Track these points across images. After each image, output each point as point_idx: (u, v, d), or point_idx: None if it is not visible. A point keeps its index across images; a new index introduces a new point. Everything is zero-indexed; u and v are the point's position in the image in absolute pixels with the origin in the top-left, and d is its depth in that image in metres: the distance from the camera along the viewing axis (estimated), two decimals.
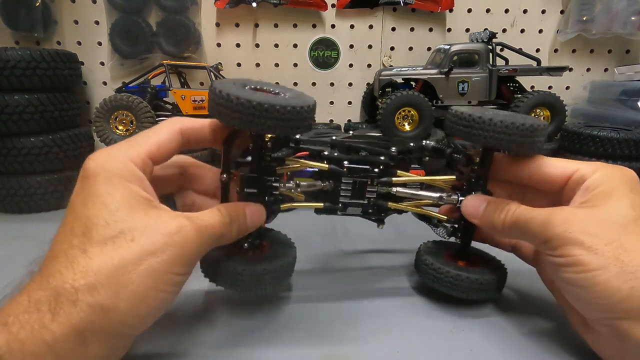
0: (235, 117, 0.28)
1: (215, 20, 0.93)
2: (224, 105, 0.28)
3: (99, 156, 0.27)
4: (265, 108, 0.28)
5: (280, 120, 0.29)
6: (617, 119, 0.79)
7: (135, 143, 0.29)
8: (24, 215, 0.77)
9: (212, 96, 0.30)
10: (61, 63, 0.79)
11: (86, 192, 0.26)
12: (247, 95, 0.28)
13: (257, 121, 0.28)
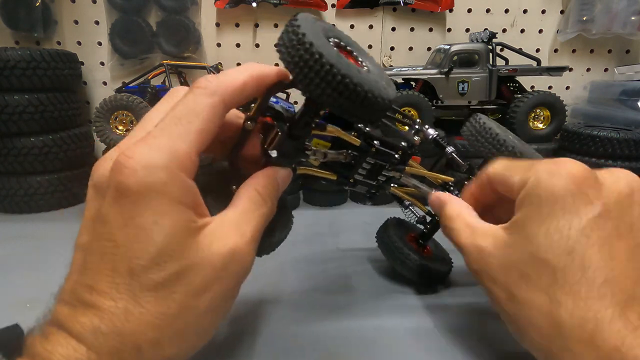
0: (329, 95, 0.23)
1: (215, 20, 0.93)
2: (320, 75, 0.23)
3: (137, 166, 0.20)
4: (368, 97, 0.24)
5: (373, 112, 0.25)
6: (617, 119, 0.79)
7: (182, 131, 0.22)
8: (24, 215, 0.77)
9: (302, 52, 0.22)
10: (61, 63, 0.79)
11: (127, 219, 0.20)
12: (351, 72, 0.23)
13: (352, 108, 0.24)
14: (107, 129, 0.75)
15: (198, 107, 0.23)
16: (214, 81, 0.23)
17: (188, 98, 0.23)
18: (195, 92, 0.23)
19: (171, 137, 0.21)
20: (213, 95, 0.23)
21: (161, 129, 0.22)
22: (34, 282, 0.49)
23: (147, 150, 0.21)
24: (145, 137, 0.21)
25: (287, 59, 0.23)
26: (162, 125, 0.22)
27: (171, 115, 0.22)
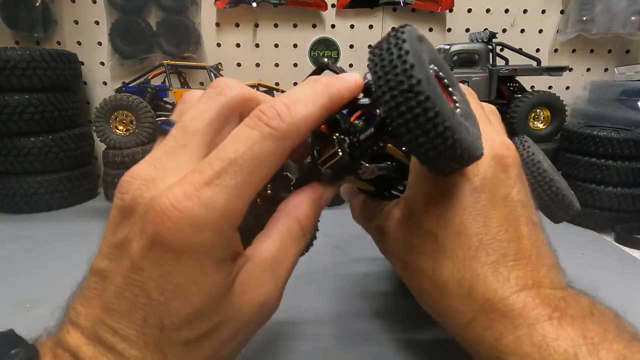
0: (419, 143, 0.20)
1: (215, 20, 0.93)
2: (418, 121, 0.19)
3: (184, 224, 0.17)
4: (461, 155, 0.21)
5: (452, 166, 0.22)
6: (617, 119, 0.79)
7: (241, 183, 0.18)
8: (24, 215, 0.77)
9: (405, 87, 0.19)
10: (61, 63, 0.79)
11: (164, 274, 0.18)
12: (453, 124, 0.20)
13: (436, 158, 0.21)
14: (107, 129, 0.75)
15: (265, 156, 0.19)
16: (287, 120, 0.19)
17: (253, 138, 0.19)
18: (264, 131, 0.19)
19: (228, 191, 0.18)
20: (283, 140, 0.19)
21: (219, 174, 0.18)
22: (34, 282, 0.50)
23: (198, 206, 0.17)
24: (197, 184, 0.18)
25: (382, 85, 0.20)
26: (220, 168, 0.18)
27: (232, 157, 0.18)
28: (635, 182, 0.68)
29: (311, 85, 0.21)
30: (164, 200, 0.17)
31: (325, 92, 0.21)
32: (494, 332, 0.23)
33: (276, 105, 0.19)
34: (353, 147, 0.23)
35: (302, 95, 0.20)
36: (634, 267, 0.56)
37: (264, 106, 0.19)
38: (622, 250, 0.62)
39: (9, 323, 0.22)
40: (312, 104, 0.20)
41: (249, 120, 0.19)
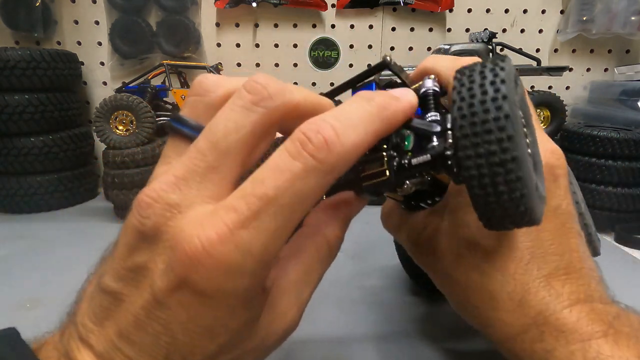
0: (487, 202, 0.18)
1: (215, 20, 0.93)
2: (496, 182, 0.17)
3: (218, 271, 0.16)
4: (527, 220, 0.19)
5: (513, 225, 0.20)
6: (617, 119, 0.79)
7: (280, 225, 0.16)
8: (24, 215, 0.77)
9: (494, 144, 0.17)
10: (61, 63, 0.79)
11: (192, 317, 0.17)
12: (530, 192, 0.18)
13: (498, 218, 0.19)
14: (107, 129, 0.75)
15: (308, 193, 0.16)
16: (336, 149, 0.16)
17: (296, 173, 0.16)
18: (308, 164, 0.16)
19: (266, 234, 0.16)
20: (330, 174, 0.16)
21: (256, 215, 0.16)
22: (34, 282, 0.50)
23: (233, 252, 0.15)
24: (232, 226, 0.16)
25: (465, 127, 0.17)
26: (258, 207, 0.16)
27: (272, 195, 0.16)
28: (635, 182, 0.68)
29: (364, 107, 0.18)
30: (195, 242, 0.16)
31: (379, 115, 0.18)
32: (545, 345, 0.23)
33: (324, 131, 0.16)
34: (402, 169, 0.21)
35: (354, 119, 0.17)
36: (634, 267, 0.56)
37: (309, 130, 0.16)
38: (622, 250, 0.62)
39: (9, 323, 0.22)
40: (364, 130, 0.17)
41: (291, 146, 0.16)
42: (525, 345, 0.24)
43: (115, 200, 0.75)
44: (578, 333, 0.22)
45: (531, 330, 0.24)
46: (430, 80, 0.26)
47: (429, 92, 0.25)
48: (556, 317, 0.23)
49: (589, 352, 0.22)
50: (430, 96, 0.25)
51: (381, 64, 0.24)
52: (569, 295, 0.24)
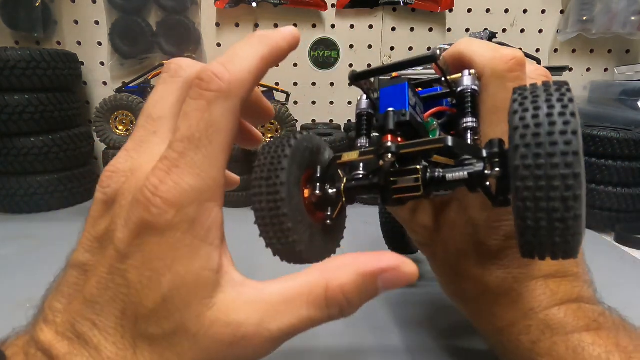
0: (541, 241, 0.18)
1: (215, 20, 0.93)
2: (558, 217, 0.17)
3: (166, 206, 0.18)
4: (566, 253, 0.19)
5: (549, 256, 0.19)
6: (617, 119, 0.79)
7: (207, 154, 0.19)
8: (24, 215, 0.77)
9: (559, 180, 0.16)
10: (61, 63, 0.79)
11: (146, 260, 0.18)
12: (583, 230, 0.18)
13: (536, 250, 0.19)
14: (107, 129, 0.75)
15: (217, 120, 0.19)
16: (225, 77, 0.19)
17: (201, 108, 0.19)
18: (207, 97, 0.19)
19: (197, 166, 0.18)
20: (229, 98, 0.19)
21: (182, 155, 0.18)
22: (34, 282, 0.49)
23: (173, 188, 0.18)
24: (167, 169, 0.18)
25: (531, 166, 0.17)
26: (182, 148, 0.18)
27: (188, 134, 0.18)
28: (635, 182, 0.68)
29: (246, 40, 0.21)
30: (144, 191, 0.18)
31: (261, 43, 0.20)
32: (530, 337, 0.25)
33: (212, 67, 0.19)
34: (434, 182, 0.21)
35: (239, 51, 0.20)
36: (634, 267, 0.56)
37: (201, 72, 0.19)
38: (622, 250, 0.62)
39: (9, 323, 0.22)
40: (251, 56, 0.20)
41: (192, 92, 0.19)
42: (512, 337, 0.26)
43: None
44: (563, 327, 0.24)
45: (520, 323, 0.26)
46: (469, 77, 0.25)
47: (467, 93, 0.24)
48: (545, 313, 0.25)
49: (571, 342, 0.23)
50: (469, 97, 0.24)
51: (430, 57, 0.23)
52: (562, 295, 0.25)
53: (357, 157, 0.23)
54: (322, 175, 0.24)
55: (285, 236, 0.21)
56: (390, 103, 0.23)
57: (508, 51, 0.26)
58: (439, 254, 0.30)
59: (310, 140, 0.24)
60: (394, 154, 0.21)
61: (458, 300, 0.31)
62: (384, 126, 0.22)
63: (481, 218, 0.26)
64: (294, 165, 0.22)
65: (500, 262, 0.26)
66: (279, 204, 0.21)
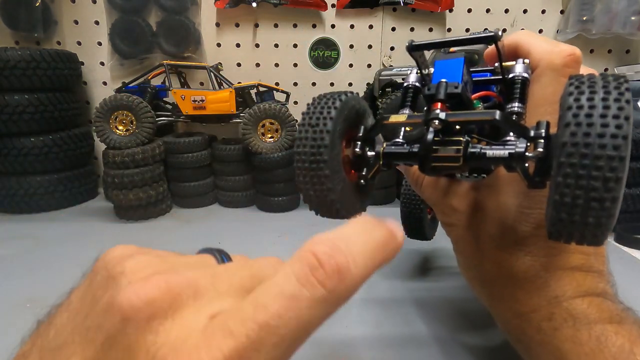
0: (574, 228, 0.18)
1: (215, 20, 0.93)
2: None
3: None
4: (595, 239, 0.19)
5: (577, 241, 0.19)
6: None
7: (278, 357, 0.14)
8: (24, 215, 0.77)
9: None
10: (61, 63, 0.79)
11: None
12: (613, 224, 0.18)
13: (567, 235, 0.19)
14: (107, 129, 0.75)
15: (312, 323, 0.14)
16: (347, 279, 0.14)
17: (302, 303, 0.14)
18: (315, 294, 0.14)
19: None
20: (336, 306, 0.15)
21: (254, 346, 0.13)
22: (34, 282, 0.50)
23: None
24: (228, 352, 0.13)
25: (578, 144, 0.17)
26: (256, 335, 0.13)
27: (272, 323, 0.14)
28: (635, 182, 0.68)
29: (377, 235, 0.16)
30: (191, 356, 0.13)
31: (385, 246, 0.16)
32: (553, 324, 0.25)
33: (337, 256, 0.14)
34: (474, 157, 0.22)
35: (366, 247, 0.15)
36: (634, 267, 0.56)
37: (322, 252, 0.14)
38: (622, 250, 0.62)
39: (9, 323, 0.22)
40: (372, 261, 0.15)
41: (299, 269, 0.14)
42: (533, 323, 0.26)
43: (115, 200, 0.75)
44: (586, 317, 0.24)
45: (542, 310, 0.26)
46: (522, 65, 0.25)
47: (518, 79, 0.25)
48: (569, 302, 0.25)
49: (594, 331, 0.23)
50: (519, 83, 0.25)
51: (491, 37, 0.24)
52: (587, 287, 0.26)
53: (404, 119, 0.23)
54: (365, 135, 0.25)
55: (321, 182, 0.22)
56: (444, 75, 0.24)
57: (567, 47, 0.26)
58: (467, 237, 0.30)
59: (358, 102, 0.25)
60: (442, 122, 0.21)
61: (478, 283, 0.31)
62: (434, 95, 0.22)
63: (513, 203, 0.27)
64: (341, 118, 0.23)
65: (528, 249, 0.27)
66: (321, 149, 0.22)
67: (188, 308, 0.14)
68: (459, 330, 0.39)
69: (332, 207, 0.23)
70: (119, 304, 0.14)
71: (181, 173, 0.81)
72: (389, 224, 0.17)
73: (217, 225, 0.73)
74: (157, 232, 0.70)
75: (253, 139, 0.78)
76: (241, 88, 0.84)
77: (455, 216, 0.31)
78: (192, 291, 0.15)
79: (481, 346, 0.36)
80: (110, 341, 0.14)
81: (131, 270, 0.16)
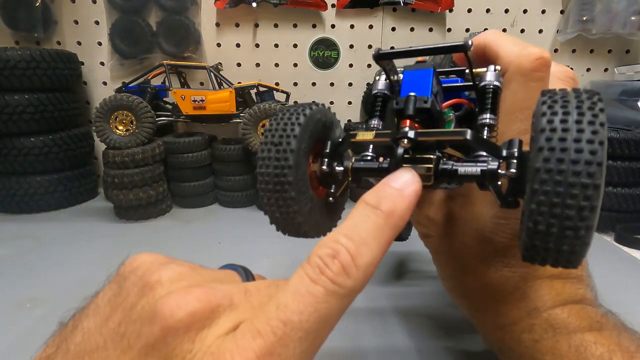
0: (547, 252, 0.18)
1: (215, 20, 0.93)
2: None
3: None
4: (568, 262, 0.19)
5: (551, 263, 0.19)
6: (617, 119, 0.79)
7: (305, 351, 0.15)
8: (24, 215, 0.77)
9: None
10: (61, 63, 0.79)
11: None
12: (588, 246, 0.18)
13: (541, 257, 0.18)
14: (107, 129, 0.75)
15: (331, 317, 0.16)
16: (353, 274, 0.16)
17: (319, 297, 0.15)
18: (328, 287, 0.15)
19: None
20: (349, 297, 0.16)
21: (281, 342, 0.15)
22: (34, 282, 0.50)
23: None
24: (259, 351, 0.14)
25: (552, 171, 0.16)
26: (282, 333, 0.15)
27: (296, 322, 0.15)
28: (635, 182, 0.68)
29: (372, 219, 0.17)
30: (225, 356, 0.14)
31: (388, 224, 0.17)
32: (533, 335, 0.25)
33: (340, 256, 0.16)
34: (445, 174, 0.21)
35: (366, 235, 0.17)
36: (634, 267, 0.56)
37: (325, 255, 0.16)
38: (622, 250, 0.62)
39: (9, 323, 0.22)
40: (377, 246, 0.17)
41: (310, 270, 0.16)
42: (514, 335, 0.26)
43: (115, 200, 0.75)
44: (566, 327, 0.24)
45: (522, 322, 0.26)
46: (493, 73, 0.25)
47: (489, 89, 0.24)
48: (549, 312, 0.25)
49: (574, 341, 0.23)
50: (490, 93, 0.24)
51: (460, 46, 0.22)
52: (567, 295, 0.25)
53: (372, 137, 0.22)
54: (332, 151, 0.24)
55: (287, 205, 0.21)
56: (412, 87, 0.23)
57: (535, 50, 0.25)
58: (443, 248, 0.30)
59: (324, 114, 0.24)
60: (411, 141, 0.20)
61: (458, 295, 0.31)
62: (403, 110, 0.21)
63: (489, 214, 0.26)
64: (306, 135, 0.22)
65: (506, 260, 0.26)
66: (285, 170, 0.21)
67: (224, 318, 0.16)
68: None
69: (299, 229, 0.23)
70: (160, 312, 0.15)
71: (181, 173, 0.81)
72: (392, 190, 0.18)
73: (217, 225, 0.73)
74: (157, 232, 0.70)
75: (253, 139, 0.78)
76: (241, 88, 0.84)
77: (431, 227, 0.30)
78: (228, 304, 0.16)
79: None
80: (148, 349, 0.15)
81: (169, 280, 0.16)
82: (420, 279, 0.50)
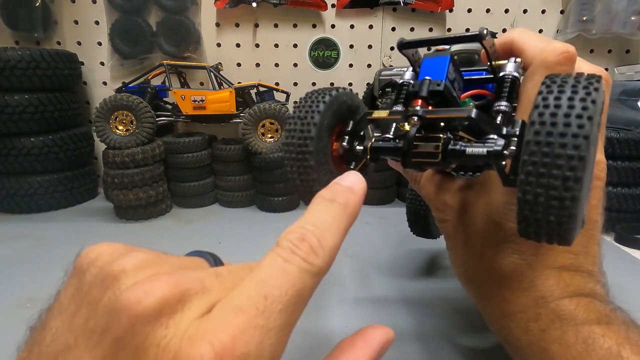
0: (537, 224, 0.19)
1: (215, 20, 0.93)
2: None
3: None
4: (561, 238, 0.19)
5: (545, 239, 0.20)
6: (617, 119, 0.79)
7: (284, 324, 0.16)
8: (24, 215, 0.77)
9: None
10: (61, 63, 0.79)
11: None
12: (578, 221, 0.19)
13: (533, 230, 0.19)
14: (107, 129, 0.75)
15: (305, 291, 0.16)
16: (320, 253, 0.17)
17: (294, 274, 0.16)
18: (300, 266, 0.16)
19: (274, 334, 0.15)
20: (319, 275, 0.17)
21: (264, 315, 0.15)
22: (34, 282, 0.50)
23: (244, 355, 0.14)
24: (243, 326, 0.14)
25: (541, 142, 0.17)
26: (263, 307, 0.15)
27: (276, 295, 0.15)
28: (635, 182, 0.68)
29: (330, 210, 0.19)
30: (207, 348, 0.14)
31: (344, 215, 0.19)
32: (540, 325, 0.25)
33: (308, 238, 0.17)
34: (454, 154, 0.22)
35: (328, 223, 0.18)
36: (634, 267, 0.56)
37: (295, 238, 0.17)
38: (622, 250, 0.62)
39: (9, 323, 0.22)
40: (337, 231, 0.18)
41: (282, 251, 0.17)
42: (520, 323, 0.26)
43: (115, 200, 0.75)
44: (573, 319, 0.24)
45: (529, 310, 0.26)
46: (513, 65, 0.26)
47: (508, 78, 0.25)
48: (557, 303, 0.25)
49: (582, 333, 0.23)
50: (508, 82, 0.25)
51: (476, 35, 0.24)
52: (575, 288, 0.25)
53: (386, 115, 0.24)
54: (353, 129, 0.25)
55: (307, 172, 0.23)
56: (429, 72, 0.24)
57: (560, 44, 0.26)
58: (457, 233, 0.31)
59: (351, 98, 0.26)
60: (420, 118, 0.22)
61: (468, 281, 0.31)
62: (417, 91, 0.23)
63: (502, 200, 0.27)
64: (329, 112, 0.24)
65: (516, 247, 0.27)
66: (307, 141, 0.23)
67: (197, 300, 0.15)
68: (456, 330, 0.39)
69: None
70: (126, 302, 0.14)
71: (181, 173, 0.81)
72: (343, 187, 0.20)
73: (217, 225, 0.73)
74: (157, 232, 0.70)
75: (253, 139, 0.78)
76: (241, 88, 0.84)
77: (447, 212, 0.31)
78: (199, 288, 0.16)
79: (479, 347, 0.36)
80: (119, 342, 0.14)
81: (133, 268, 0.16)
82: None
